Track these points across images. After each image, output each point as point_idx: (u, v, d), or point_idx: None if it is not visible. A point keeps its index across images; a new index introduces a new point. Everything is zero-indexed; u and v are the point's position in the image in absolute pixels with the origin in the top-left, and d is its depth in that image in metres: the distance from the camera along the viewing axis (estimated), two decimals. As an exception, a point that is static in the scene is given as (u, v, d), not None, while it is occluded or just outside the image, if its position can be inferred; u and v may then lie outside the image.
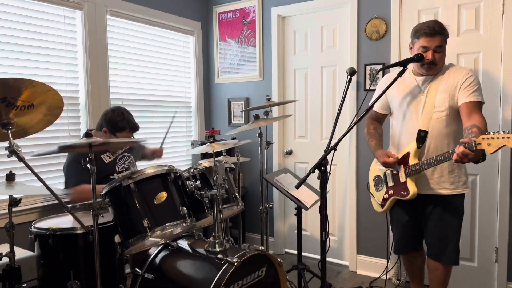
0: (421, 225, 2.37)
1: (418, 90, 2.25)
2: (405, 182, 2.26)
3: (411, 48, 2.25)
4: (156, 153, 2.91)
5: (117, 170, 2.56)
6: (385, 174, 2.41)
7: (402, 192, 2.27)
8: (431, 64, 2.15)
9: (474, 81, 2.13)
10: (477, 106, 2.10)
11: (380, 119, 2.55)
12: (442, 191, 2.23)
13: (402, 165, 2.28)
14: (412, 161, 2.22)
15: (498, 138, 1.78)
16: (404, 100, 2.30)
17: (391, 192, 2.36)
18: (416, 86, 2.27)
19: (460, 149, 1.85)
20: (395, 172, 2.33)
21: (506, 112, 2.67)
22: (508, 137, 1.76)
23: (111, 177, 2.48)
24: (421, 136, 2.20)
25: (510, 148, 1.78)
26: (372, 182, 2.53)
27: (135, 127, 2.55)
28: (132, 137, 2.54)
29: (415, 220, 2.38)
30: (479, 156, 1.92)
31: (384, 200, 2.41)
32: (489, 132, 1.82)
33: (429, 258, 2.34)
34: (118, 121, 2.47)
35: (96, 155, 2.04)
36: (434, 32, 2.10)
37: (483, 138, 1.82)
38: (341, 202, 3.45)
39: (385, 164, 2.31)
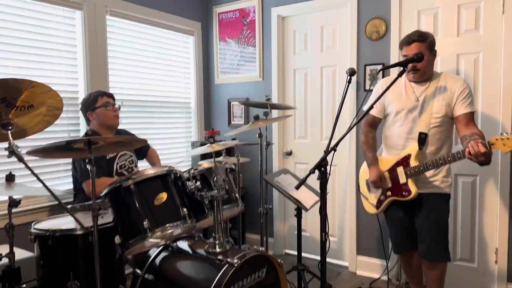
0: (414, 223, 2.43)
1: (414, 96, 2.34)
2: (406, 183, 2.31)
3: None
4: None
5: (115, 168, 2.56)
6: None
7: (403, 193, 2.33)
8: (414, 70, 2.27)
9: (469, 92, 2.27)
10: (472, 116, 2.26)
11: (377, 124, 2.59)
12: (432, 190, 2.32)
13: (402, 167, 2.31)
14: (413, 162, 2.28)
15: None
16: (400, 104, 2.38)
17: (389, 193, 2.39)
18: (412, 92, 2.35)
19: (481, 148, 1.94)
20: (391, 173, 2.38)
21: (506, 112, 2.67)
22: None
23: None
24: (422, 138, 2.28)
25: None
26: (364, 184, 2.57)
27: (106, 92, 2.68)
28: (114, 103, 2.65)
29: (408, 217, 2.44)
30: (488, 158, 2.03)
31: (380, 201, 2.44)
32: (502, 133, 1.95)
33: (422, 257, 2.39)
34: (87, 98, 2.63)
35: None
36: (410, 40, 2.25)
37: (496, 139, 1.95)
38: (341, 203, 3.44)
39: (374, 184, 2.41)
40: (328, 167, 1.89)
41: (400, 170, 2.33)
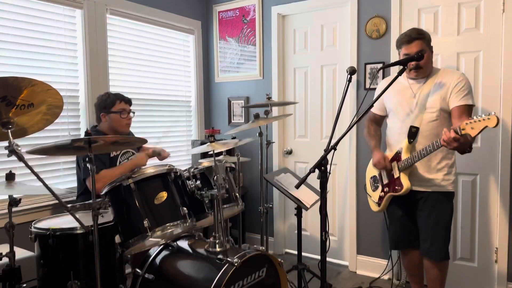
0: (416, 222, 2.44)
1: (410, 93, 2.36)
2: (398, 178, 2.35)
3: None
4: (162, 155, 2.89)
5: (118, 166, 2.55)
6: (380, 173, 2.48)
7: (396, 187, 2.36)
8: (416, 68, 2.28)
9: (466, 85, 2.24)
10: (467, 109, 2.23)
11: (379, 121, 2.64)
12: (433, 189, 2.33)
13: (395, 161, 2.36)
14: (404, 156, 2.32)
15: (480, 120, 1.88)
16: (398, 101, 2.41)
17: (386, 189, 2.44)
18: (409, 88, 2.37)
19: (452, 133, 1.95)
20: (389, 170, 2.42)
21: (506, 111, 2.67)
22: (489, 118, 1.86)
23: None
24: (413, 132, 2.31)
25: (492, 127, 1.88)
26: (368, 182, 2.60)
27: (125, 98, 2.63)
28: (129, 110, 2.63)
29: (409, 215, 2.45)
30: (466, 145, 2.03)
31: (380, 198, 2.47)
32: (472, 117, 1.92)
33: (423, 256, 2.40)
34: (105, 99, 2.58)
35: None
36: (411, 39, 2.26)
37: (466, 123, 1.93)
38: (341, 202, 3.44)
39: (376, 165, 2.43)
40: (328, 166, 1.89)
41: (394, 165, 2.38)
